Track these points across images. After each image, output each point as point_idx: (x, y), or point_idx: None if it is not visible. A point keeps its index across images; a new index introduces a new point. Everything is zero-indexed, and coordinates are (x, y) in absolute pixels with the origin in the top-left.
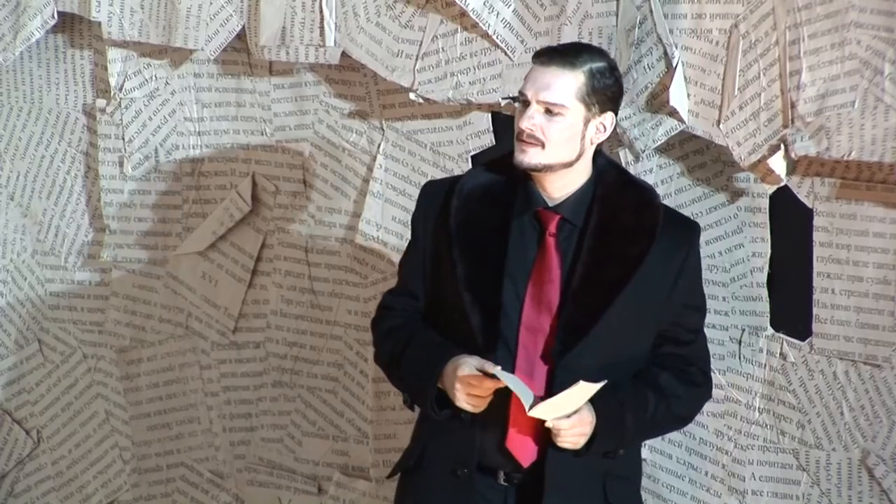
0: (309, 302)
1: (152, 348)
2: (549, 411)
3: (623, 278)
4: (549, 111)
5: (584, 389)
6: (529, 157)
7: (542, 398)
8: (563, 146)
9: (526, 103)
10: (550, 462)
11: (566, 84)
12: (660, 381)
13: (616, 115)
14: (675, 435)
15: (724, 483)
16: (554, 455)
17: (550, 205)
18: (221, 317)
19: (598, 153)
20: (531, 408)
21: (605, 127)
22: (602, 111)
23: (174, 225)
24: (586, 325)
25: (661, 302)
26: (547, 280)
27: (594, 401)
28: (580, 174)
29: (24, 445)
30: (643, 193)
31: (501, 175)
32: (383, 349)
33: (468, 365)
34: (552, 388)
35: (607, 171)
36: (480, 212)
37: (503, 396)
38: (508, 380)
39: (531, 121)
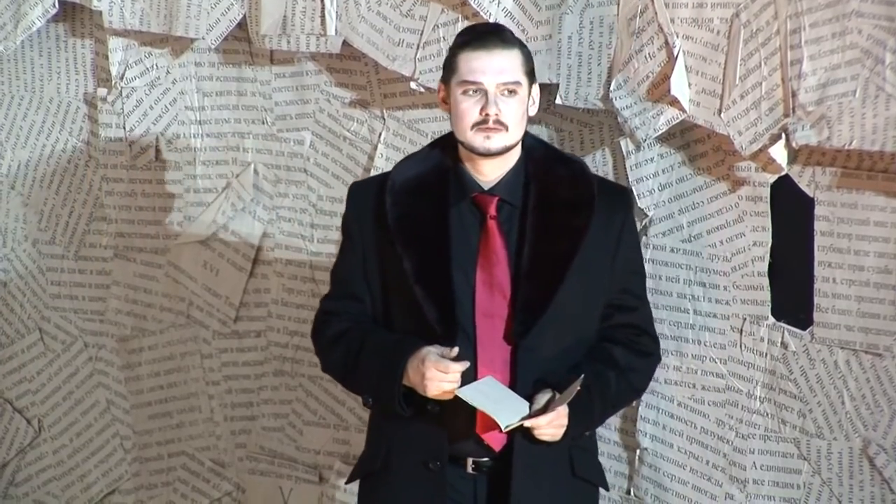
0: (310, 291)
1: (153, 337)
2: (522, 420)
3: (571, 251)
4: (506, 92)
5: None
6: (496, 142)
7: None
8: (520, 124)
9: (477, 91)
10: (519, 445)
11: (514, 62)
12: (616, 357)
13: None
14: (676, 424)
15: (725, 472)
16: (521, 438)
17: (485, 188)
18: (222, 306)
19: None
20: (507, 426)
21: (534, 100)
22: (531, 84)
23: (175, 214)
24: (543, 303)
25: (606, 270)
26: (495, 263)
27: (562, 391)
28: (515, 153)
29: (25, 434)
30: (575, 166)
31: (429, 165)
32: (333, 355)
33: (433, 354)
34: (516, 369)
35: (535, 147)
36: (416, 205)
37: (469, 382)
38: (477, 402)
39: (496, 106)
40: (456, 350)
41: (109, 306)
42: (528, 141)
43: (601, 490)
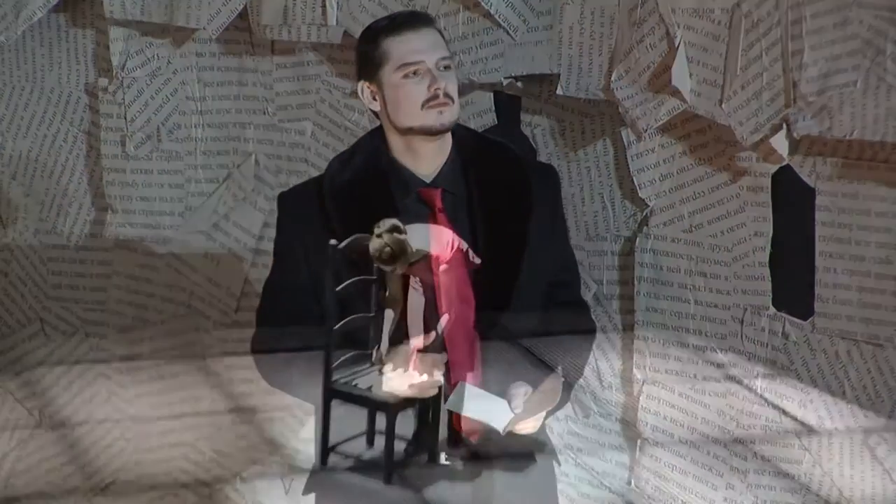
0: None
1: (154, 327)
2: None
3: (521, 238)
4: (443, 68)
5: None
6: (447, 116)
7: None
8: (458, 98)
9: (418, 72)
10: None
11: (441, 39)
12: (568, 343)
13: None
14: (677, 415)
15: (726, 463)
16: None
17: (427, 181)
18: (224, 296)
19: None
20: (504, 430)
21: None
22: None
23: (176, 204)
24: (506, 293)
25: (548, 247)
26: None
27: (535, 384)
28: (449, 140)
29: (25, 425)
30: (503, 150)
31: (362, 166)
32: (290, 368)
33: (415, 356)
34: (484, 361)
35: (463, 134)
36: (360, 207)
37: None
38: (469, 412)
39: (442, 81)
40: (433, 335)
41: (110, 296)
42: (455, 128)
43: (606, 481)
